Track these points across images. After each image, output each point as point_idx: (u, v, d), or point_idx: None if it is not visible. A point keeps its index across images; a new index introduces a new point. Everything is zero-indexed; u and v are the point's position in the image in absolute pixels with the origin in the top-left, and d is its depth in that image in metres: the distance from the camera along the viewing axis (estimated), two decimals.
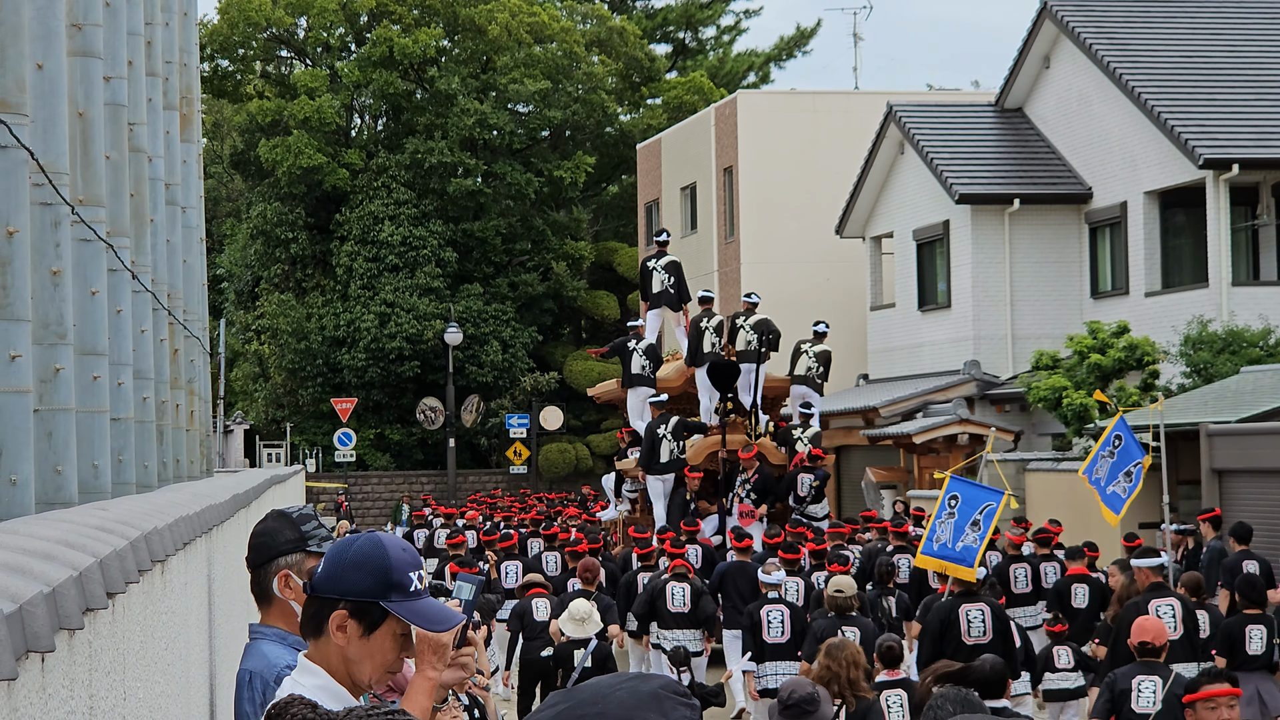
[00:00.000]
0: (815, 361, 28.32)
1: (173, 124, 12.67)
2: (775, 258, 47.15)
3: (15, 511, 5.61)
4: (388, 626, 4.19)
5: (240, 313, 65.81)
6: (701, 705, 14.66)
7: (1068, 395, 30.64)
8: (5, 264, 5.63)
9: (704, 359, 27.05)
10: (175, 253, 12.47)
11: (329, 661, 4.20)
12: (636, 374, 27.94)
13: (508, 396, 60.50)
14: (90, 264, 7.51)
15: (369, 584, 4.17)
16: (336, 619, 4.18)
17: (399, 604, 4.17)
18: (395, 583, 4.17)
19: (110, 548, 4.28)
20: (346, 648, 4.18)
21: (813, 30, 72.34)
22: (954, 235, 39.35)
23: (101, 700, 4.25)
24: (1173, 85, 35.41)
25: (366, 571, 4.18)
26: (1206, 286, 33.66)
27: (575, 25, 63.45)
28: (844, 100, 49.12)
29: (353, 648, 4.18)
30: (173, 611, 6.22)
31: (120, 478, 8.30)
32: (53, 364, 6.43)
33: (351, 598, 4.18)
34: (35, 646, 3.19)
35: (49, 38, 6.40)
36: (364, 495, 59.09)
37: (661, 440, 26.53)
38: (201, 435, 14.51)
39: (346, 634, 4.18)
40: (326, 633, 4.21)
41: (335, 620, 4.19)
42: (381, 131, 64.22)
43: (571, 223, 65.55)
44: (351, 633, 4.18)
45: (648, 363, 27.97)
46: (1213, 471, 24.73)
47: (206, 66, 62.50)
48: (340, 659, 4.19)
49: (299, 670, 4.24)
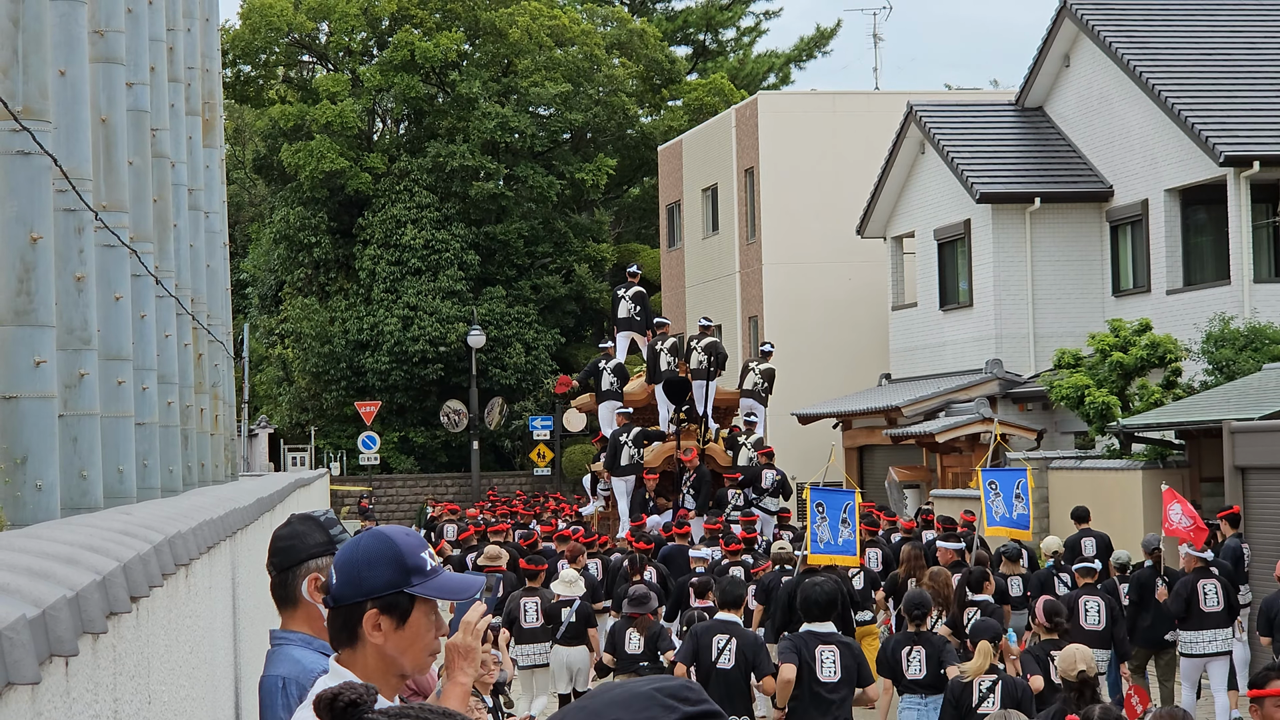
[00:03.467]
0: (761, 378, 32.86)
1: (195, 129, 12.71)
2: (797, 258, 47.13)
3: (41, 516, 5.64)
4: (419, 611, 4.24)
5: (264, 317, 65.88)
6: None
7: (1090, 393, 30.58)
8: (29, 270, 5.66)
9: (660, 376, 31.60)
10: (198, 257, 12.51)
11: (366, 665, 4.23)
12: (606, 389, 32.63)
13: (531, 399, 60.52)
14: (114, 269, 7.54)
15: (389, 576, 4.21)
16: (369, 620, 4.21)
17: (422, 585, 4.22)
18: (412, 567, 4.22)
19: (133, 552, 4.30)
20: (385, 645, 4.21)
21: (832, 31, 72.29)
22: (975, 234, 39.29)
23: (126, 704, 4.27)
24: (1193, 83, 35.33)
25: (383, 566, 4.22)
26: (1228, 284, 33.58)
27: (595, 28, 63.45)
28: (864, 100, 49.07)
29: (391, 643, 4.22)
30: (197, 615, 6.24)
31: (145, 482, 8.33)
32: (77, 369, 6.47)
33: (377, 595, 4.21)
34: (59, 650, 3.21)
35: (71, 44, 6.44)
36: (388, 498, 59.13)
37: (623, 446, 31.12)
38: (226, 439, 14.55)
39: (382, 631, 4.21)
40: (360, 637, 4.23)
41: (369, 622, 4.21)
42: (403, 135, 64.27)
43: (593, 225, 65.54)
44: (386, 629, 4.21)
45: (615, 380, 32.63)
46: (1235, 468, 24.65)
47: (228, 72, 62.57)
48: (378, 659, 4.22)
49: (331, 675, 4.26)
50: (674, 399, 30.99)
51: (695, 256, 53.30)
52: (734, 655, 13.88)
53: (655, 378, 31.83)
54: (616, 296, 33.63)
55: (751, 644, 14.04)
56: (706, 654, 13.90)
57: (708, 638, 14.00)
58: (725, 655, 13.93)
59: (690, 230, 53.77)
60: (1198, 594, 18.94)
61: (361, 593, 4.22)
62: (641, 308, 33.13)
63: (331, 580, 4.31)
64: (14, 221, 5.64)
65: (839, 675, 12.65)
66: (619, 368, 32.75)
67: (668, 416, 31.74)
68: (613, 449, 31.44)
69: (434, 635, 4.27)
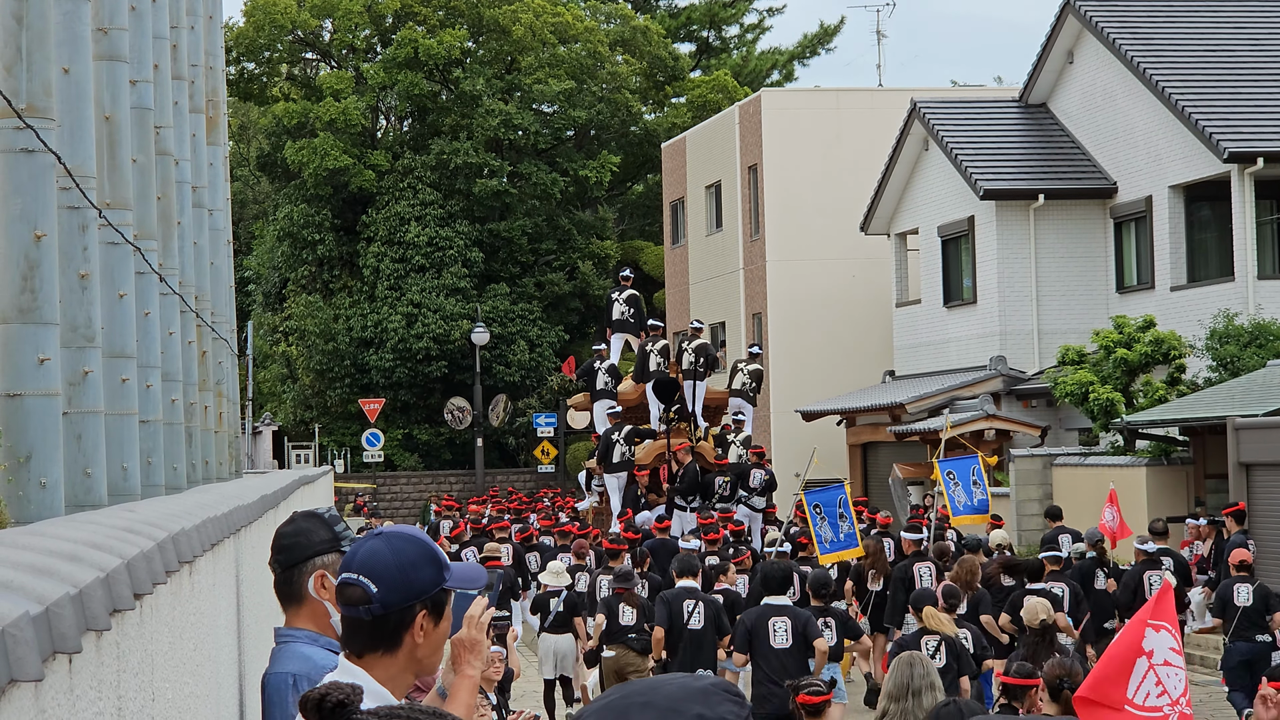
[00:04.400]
0: (749, 378, 34.01)
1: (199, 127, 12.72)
2: (800, 255, 47.12)
3: (45, 514, 5.64)
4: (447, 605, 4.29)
5: (268, 314, 65.89)
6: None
7: (1094, 390, 30.58)
8: (33, 268, 5.67)
9: (650, 377, 32.64)
10: (202, 255, 12.52)
11: (395, 668, 4.22)
12: (600, 389, 33.98)
13: (535, 396, 60.53)
14: (118, 267, 7.55)
15: (433, 574, 4.23)
16: (420, 622, 4.22)
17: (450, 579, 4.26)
18: (445, 562, 4.26)
19: (137, 549, 4.30)
20: (420, 646, 4.22)
21: (836, 28, 72.30)
22: (979, 231, 39.29)
23: (130, 701, 4.27)
24: (1197, 79, 35.31)
25: (426, 565, 4.23)
26: (1232, 280, 33.58)
27: (599, 25, 63.42)
28: (868, 97, 49.05)
29: (427, 642, 4.23)
30: (201, 613, 6.25)
31: (149, 480, 8.33)
32: (81, 367, 6.47)
33: (427, 595, 4.23)
34: (62, 648, 3.21)
35: (75, 42, 6.44)
36: (392, 495, 59.16)
37: (615, 444, 32.40)
38: (230, 437, 14.56)
39: (424, 631, 4.23)
40: (402, 642, 4.23)
41: (419, 624, 4.22)
42: (407, 133, 64.28)
43: (597, 222, 65.52)
44: (427, 629, 4.23)
45: (609, 380, 33.96)
46: (1240, 465, 24.69)
47: (232, 69, 62.58)
48: (408, 661, 4.22)
49: (340, 671, 4.26)
50: (663, 399, 31.83)
51: (699, 253, 53.29)
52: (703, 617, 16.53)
53: (644, 377, 33.02)
54: (610, 299, 35.20)
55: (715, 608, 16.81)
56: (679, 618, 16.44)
57: (679, 603, 16.52)
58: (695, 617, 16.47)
59: (694, 227, 53.76)
60: (1144, 584, 20.09)
61: (413, 595, 4.21)
62: (635, 310, 34.57)
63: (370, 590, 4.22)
64: (18, 219, 5.64)
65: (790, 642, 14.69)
66: (612, 368, 34.12)
67: (658, 415, 32.72)
68: (605, 446, 32.82)
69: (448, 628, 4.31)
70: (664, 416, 32.26)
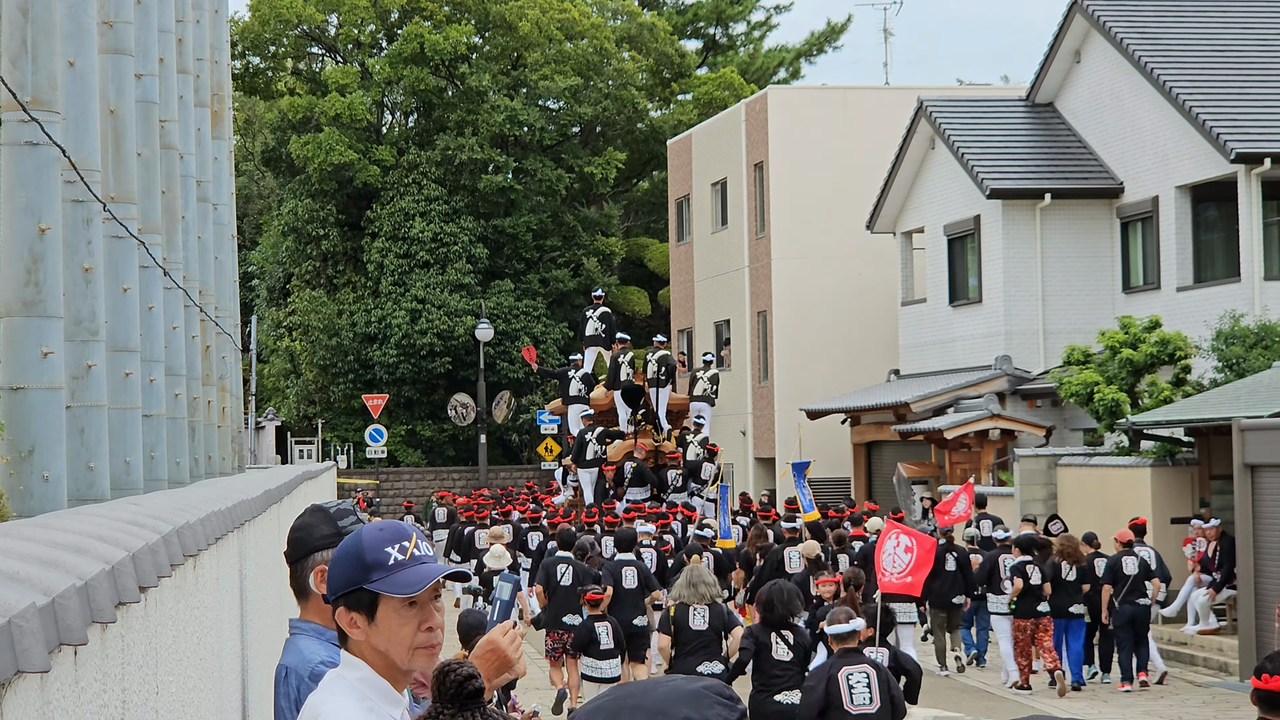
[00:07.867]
0: (708, 383, 38.03)
1: (204, 121, 12.72)
2: (806, 253, 47.11)
3: (48, 507, 5.64)
4: (385, 606, 4.17)
5: (272, 309, 65.90)
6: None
7: (1099, 390, 30.55)
8: (37, 261, 5.66)
9: (619, 384, 36.97)
10: (206, 249, 12.51)
11: (365, 657, 4.22)
12: (574, 395, 38.11)
13: (539, 392, 60.51)
14: (122, 261, 7.54)
15: (348, 573, 4.19)
16: (340, 618, 4.22)
17: (379, 581, 4.15)
18: (371, 563, 4.17)
19: (142, 542, 4.30)
20: (366, 640, 4.20)
21: (843, 26, 72.24)
22: (985, 230, 39.26)
23: (134, 693, 4.27)
24: (1204, 79, 35.28)
25: (345, 564, 4.22)
26: (1239, 281, 33.54)
27: (605, 22, 63.39)
28: (875, 95, 49.03)
29: (372, 637, 4.20)
30: (205, 606, 6.25)
31: (152, 474, 8.33)
32: (85, 361, 6.47)
33: (340, 592, 4.21)
34: (68, 639, 3.21)
35: (80, 35, 6.43)
36: (396, 491, 59.14)
37: (587, 444, 36.55)
38: (233, 431, 14.55)
39: (359, 627, 4.20)
40: (348, 636, 4.24)
41: (340, 620, 4.22)
42: (412, 128, 64.26)
43: (602, 219, 65.50)
44: (361, 624, 4.20)
45: (583, 387, 38.10)
46: (1245, 466, 24.64)
47: (238, 63, 62.62)
48: (372, 653, 4.21)
49: (343, 665, 4.26)
50: (630, 403, 36.54)
51: (704, 251, 53.27)
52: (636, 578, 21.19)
53: (614, 384, 37.30)
54: (584, 316, 39.56)
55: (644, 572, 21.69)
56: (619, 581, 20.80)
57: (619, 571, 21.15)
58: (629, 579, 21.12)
59: (699, 225, 53.74)
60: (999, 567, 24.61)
61: (331, 590, 4.24)
62: (606, 325, 38.81)
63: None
64: (22, 212, 5.64)
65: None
66: (586, 377, 38.41)
67: (626, 418, 36.96)
68: (579, 445, 37.04)
69: (416, 628, 4.22)
70: (632, 419, 36.74)
